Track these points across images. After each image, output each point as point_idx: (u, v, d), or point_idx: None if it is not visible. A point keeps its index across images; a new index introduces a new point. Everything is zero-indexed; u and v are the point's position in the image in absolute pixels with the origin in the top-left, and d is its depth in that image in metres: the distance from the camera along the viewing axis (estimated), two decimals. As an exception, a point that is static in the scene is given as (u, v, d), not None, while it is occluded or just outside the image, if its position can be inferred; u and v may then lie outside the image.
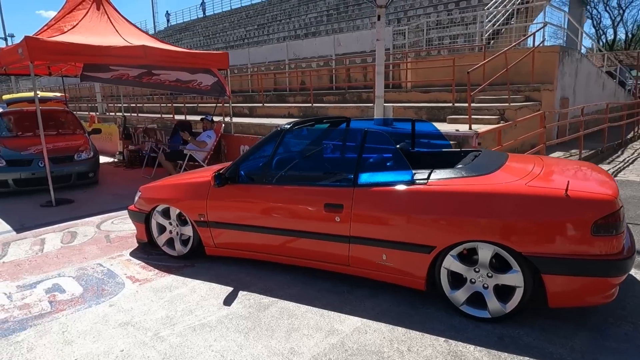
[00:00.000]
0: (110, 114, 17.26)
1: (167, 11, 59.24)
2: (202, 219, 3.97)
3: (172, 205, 4.17)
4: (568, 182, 2.78)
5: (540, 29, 10.00)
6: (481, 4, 15.25)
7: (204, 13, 41.00)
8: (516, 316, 2.95)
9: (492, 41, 13.01)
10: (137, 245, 4.67)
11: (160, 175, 7.92)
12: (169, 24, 45.20)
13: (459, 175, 3.12)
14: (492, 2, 13.42)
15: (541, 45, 10.04)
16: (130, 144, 10.46)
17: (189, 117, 13.40)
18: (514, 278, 2.84)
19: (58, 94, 11.88)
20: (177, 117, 13.87)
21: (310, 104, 12.90)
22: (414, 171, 3.22)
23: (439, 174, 3.18)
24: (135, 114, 15.85)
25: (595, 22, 42.04)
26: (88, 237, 5.03)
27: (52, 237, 5.06)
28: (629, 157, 9.35)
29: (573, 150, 8.76)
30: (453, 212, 2.95)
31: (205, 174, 4.26)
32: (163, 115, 15.41)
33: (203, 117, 8.01)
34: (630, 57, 24.93)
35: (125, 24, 8.05)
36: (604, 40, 41.10)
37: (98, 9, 7.89)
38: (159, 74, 7.75)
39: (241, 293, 3.52)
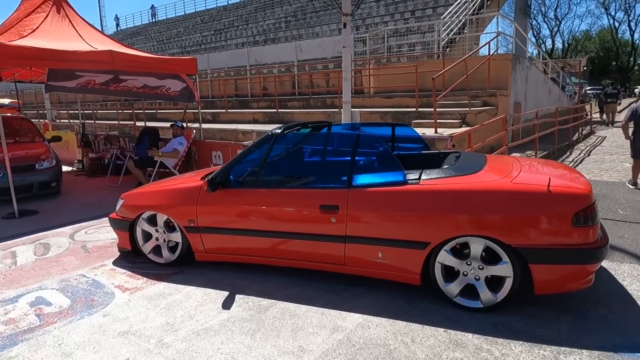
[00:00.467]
0: (62, 121, 16.47)
1: (116, 15, 57.24)
2: (192, 224, 3.94)
3: (159, 212, 4.10)
4: (549, 178, 3.04)
5: (494, 38, 10.65)
6: (435, 13, 15.97)
7: (154, 18, 40.07)
8: (505, 305, 3.17)
9: (447, 49, 13.64)
10: (118, 254, 4.54)
11: (127, 183, 7.71)
12: (119, 28, 43.75)
13: (448, 175, 3.31)
14: (447, 12, 14.08)
15: (495, 53, 10.66)
16: (91, 152, 10.06)
17: (149, 124, 13.04)
18: (504, 269, 3.05)
19: (7, 100, 11.25)
20: (139, 123, 13.46)
21: (275, 110, 12.95)
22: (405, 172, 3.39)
23: (429, 174, 3.36)
24: (92, 121, 15.20)
25: (535, 32, 44.98)
26: (63, 248, 4.83)
27: (23, 249, 4.82)
28: (577, 157, 10.10)
29: (528, 152, 9.35)
30: (446, 210, 3.13)
31: (192, 179, 4.24)
32: (120, 122, 14.91)
33: (173, 123, 7.87)
34: (568, 64, 26.84)
35: (88, 28, 7.79)
36: (544, 49, 44.03)
37: (58, 12, 7.59)
38: (126, 79, 7.54)
39: (238, 297, 3.53)
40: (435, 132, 8.05)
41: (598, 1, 48.85)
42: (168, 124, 8.40)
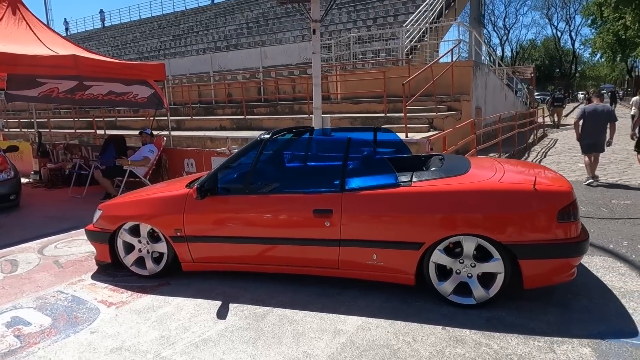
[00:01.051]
0: (12, 130, 15.53)
1: (65, 19, 54.64)
2: (178, 234, 3.83)
3: (142, 222, 3.96)
4: (535, 178, 3.20)
5: (456, 45, 11.05)
6: (397, 21, 16.40)
7: (103, 23, 38.80)
8: (495, 300, 3.28)
9: (409, 56, 14.04)
10: (96, 268, 4.33)
11: (93, 194, 7.38)
12: (69, 33, 41.84)
13: (438, 177, 3.41)
14: (409, 20, 14.50)
15: (458, 59, 11.07)
16: (49, 162, 9.53)
17: (110, 132, 12.54)
18: (496, 266, 3.17)
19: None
20: (99, 132, 12.91)
21: (242, 116, 12.81)
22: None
23: (420, 176, 3.45)
24: (46, 130, 14.41)
25: (486, 41, 47.05)
26: (33, 264, 4.55)
27: (-12, 267, 4.50)
28: (534, 158, 10.64)
29: (491, 154, 9.74)
30: (439, 210, 3.21)
31: (176, 187, 4.13)
32: (78, 131, 14.25)
33: (142, 130, 7.62)
34: (517, 71, 28.34)
35: (47, 31, 7.44)
36: (494, 57, 46.18)
37: (14, 13, 7.20)
38: (91, 85, 7.21)
39: (232, 305, 3.46)
40: (406, 136, 8.24)
41: (542, 12, 51.94)
42: (128, 132, 8.13)
